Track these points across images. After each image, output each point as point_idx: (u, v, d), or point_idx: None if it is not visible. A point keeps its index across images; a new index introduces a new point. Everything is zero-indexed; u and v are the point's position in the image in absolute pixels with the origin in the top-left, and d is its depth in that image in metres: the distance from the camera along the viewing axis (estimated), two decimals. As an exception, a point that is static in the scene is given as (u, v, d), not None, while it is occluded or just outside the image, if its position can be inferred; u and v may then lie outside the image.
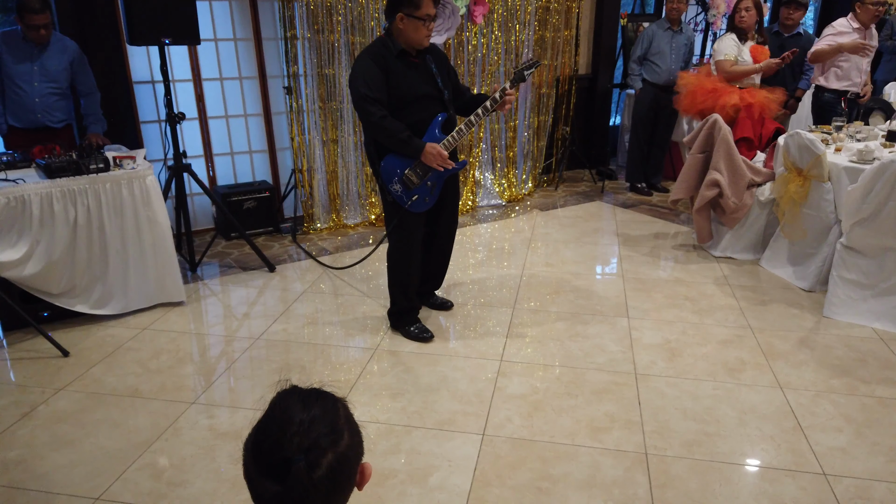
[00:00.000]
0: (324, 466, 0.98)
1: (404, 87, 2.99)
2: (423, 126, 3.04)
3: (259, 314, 3.60)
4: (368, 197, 5.09)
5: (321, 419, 1.01)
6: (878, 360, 3.09)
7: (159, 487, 2.28)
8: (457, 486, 2.28)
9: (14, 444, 2.50)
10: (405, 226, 3.16)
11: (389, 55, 2.97)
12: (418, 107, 3.03)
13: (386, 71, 2.96)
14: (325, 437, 1.00)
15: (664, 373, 2.99)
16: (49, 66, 3.70)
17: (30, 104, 3.70)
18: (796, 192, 3.78)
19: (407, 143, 2.96)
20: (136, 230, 3.44)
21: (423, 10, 2.89)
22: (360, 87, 2.92)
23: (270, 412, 1.03)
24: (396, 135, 2.95)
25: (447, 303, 3.67)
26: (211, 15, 4.53)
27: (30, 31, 3.55)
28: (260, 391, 2.86)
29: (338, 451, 1.00)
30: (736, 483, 2.29)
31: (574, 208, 5.53)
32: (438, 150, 2.97)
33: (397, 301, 3.34)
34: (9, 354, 3.18)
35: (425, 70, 3.08)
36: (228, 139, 4.88)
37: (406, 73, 3.00)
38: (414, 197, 3.07)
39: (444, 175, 3.12)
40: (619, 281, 4.02)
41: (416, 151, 2.98)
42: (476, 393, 2.84)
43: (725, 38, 4.76)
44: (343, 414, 1.06)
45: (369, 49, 3.04)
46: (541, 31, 5.60)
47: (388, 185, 3.07)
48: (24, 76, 3.66)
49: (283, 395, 1.05)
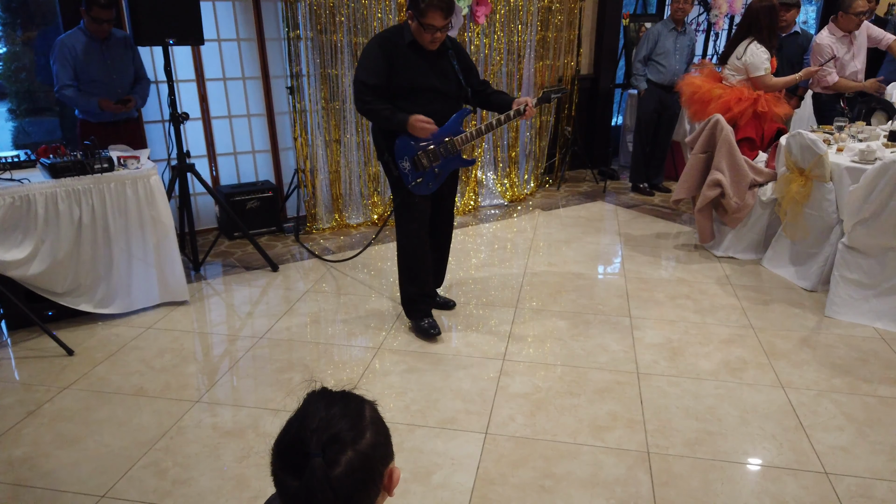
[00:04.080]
0: (342, 464, 0.97)
1: (409, 76, 3.00)
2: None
3: (262, 313, 3.62)
4: (371, 197, 5.10)
5: (342, 416, 1.01)
6: (880, 360, 3.09)
7: (164, 485, 2.29)
8: (460, 485, 2.29)
9: (20, 443, 2.52)
10: (412, 207, 3.19)
11: (401, 42, 2.98)
12: (423, 98, 3.03)
13: (391, 57, 2.96)
14: (346, 433, 0.99)
15: (666, 372, 3.00)
16: (117, 58, 3.91)
17: (108, 94, 3.89)
18: (798, 193, 3.78)
19: (390, 118, 2.99)
20: (141, 230, 3.45)
21: (427, 20, 2.89)
22: (360, 71, 3.00)
23: (297, 411, 1.03)
24: (381, 112, 2.99)
25: (449, 302, 3.68)
26: (214, 15, 4.55)
27: (94, 23, 3.72)
28: (263, 390, 2.88)
29: (358, 449, 0.99)
30: (738, 482, 2.30)
31: (576, 208, 5.53)
32: (420, 121, 2.98)
33: (403, 286, 3.37)
34: (14, 353, 3.20)
35: (442, 63, 3.07)
36: (232, 139, 4.90)
37: (415, 63, 3.00)
38: (419, 179, 3.11)
39: (451, 166, 3.16)
40: (621, 280, 4.03)
41: (400, 125, 3.00)
42: (479, 392, 2.85)
43: (758, 52, 4.56)
44: (369, 415, 1.05)
45: (383, 33, 3.07)
46: (543, 32, 5.61)
47: (398, 161, 3.10)
48: (96, 68, 3.84)
49: (311, 395, 1.05)
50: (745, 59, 4.61)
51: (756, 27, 4.62)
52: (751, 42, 4.63)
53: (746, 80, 4.68)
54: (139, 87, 4.08)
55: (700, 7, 6.65)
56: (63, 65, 3.77)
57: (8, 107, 5.11)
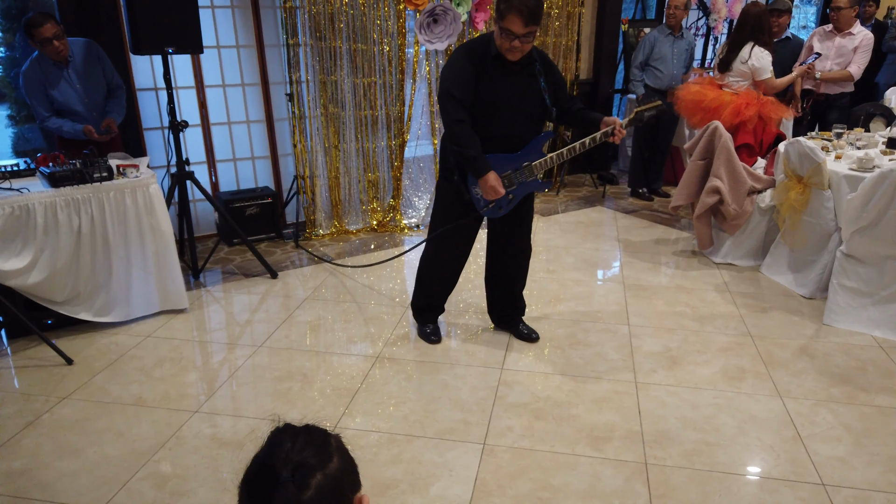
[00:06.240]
0: (313, 487, 0.98)
1: (493, 92, 2.81)
2: (506, 140, 2.90)
3: (261, 321, 3.62)
4: (370, 203, 5.11)
5: (308, 445, 1.03)
6: (878, 369, 3.10)
7: (163, 497, 2.30)
8: (458, 496, 2.29)
9: (19, 454, 2.52)
10: (464, 227, 3.12)
11: (487, 55, 2.80)
12: (503, 118, 2.86)
13: (478, 72, 2.78)
14: (313, 457, 1.01)
15: (664, 381, 3.00)
16: (85, 79, 3.76)
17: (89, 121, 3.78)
18: (796, 200, 3.79)
19: (470, 162, 2.83)
20: (140, 238, 3.46)
21: (506, 24, 2.67)
22: (446, 82, 2.80)
23: (262, 447, 1.05)
24: (465, 147, 2.80)
25: (531, 334, 3.37)
26: (214, 22, 4.56)
27: (44, 47, 3.53)
28: (262, 399, 2.88)
29: (327, 472, 1.00)
30: (735, 493, 2.31)
31: (575, 213, 5.54)
32: (494, 185, 2.84)
33: (415, 295, 3.39)
34: (13, 362, 3.20)
35: (527, 81, 2.86)
36: (231, 145, 4.90)
37: (499, 79, 2.81)
38: (491, 203, 3.01)
39: (526, 190, 3.01)
40: (619, 287, 4.03)
41: (476, 173, 2.84)
42: (477, 401, 2.86)
43: (763, 55, 4.63)
44: (334, 443, 1.07)
45: (468, 44, 2.88)
46: (542, 37, 5.61)
47: (470, 186, 2.98)
48: (70, 98, 3.72)
49: (275, 431, 1.08)
50: (751, 62, 4.65)
51: (759, 31, 4.65)
52: (753, 46, 4.66)
53: (751, 84, 4.72)
54: (114, 101, 3.93)
55: (699, 11, 6.66)
56: (36, 98, 3.65)
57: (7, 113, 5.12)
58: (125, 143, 4.19)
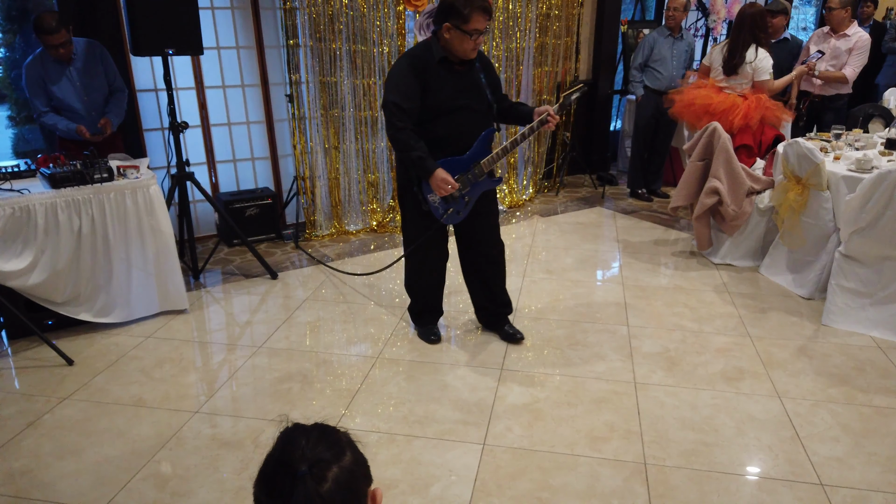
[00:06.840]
0: (330, 479, 1.00)
1: (441, 96, 2.89)
2: (456, 139, 2.95)
3: (262, 321, 3.63)
4: (370, 204, 5.12)
5: (322, 439, 1.06)
6: (877, 369, 3.11)
7: (163, 497, 2.30)
8: (457, 497, 2.30)
9: (20, 454, 2.53)
10: (428, 239, 3.15)
11: (431, 60, 2.87)
12: (454, 118, 2.93)
13: (423, 78, 2.85)
14: (328, 452, 1.04)
15: (663, 382, 3.01)
16: (87, 78, 3.80)
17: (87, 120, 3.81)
18: (795, 201, 3.80)
19: (417, 162, 2.87)
20: (140, 239, 3.47)
21: (471, 25, 2.77)
22: (390, 92, 2.86)
23: (275, 446, 1.07)
24: (410, 151, 2.85)
25: (516, 335, 3.37)
26: (214, 23, 4.56)
27: (49, 50, 3.62)
28: (262, 400, 2.89)
29: (343, 465, 1.03)
30: (734, 493, 2.32)
31: (575, 214, 5.55)
32: (444, 177, 2.87)
33: (411, 300, 3.46)
34: (14, 363, 3.21)
35: (471, 80, 2.96)
36: (231, 146, 4.91)
37: (446, 82, 2.89)
38: (449, 210, 3.03)
39: (480, 189, 3.05)
40: (619, 288, 4.04)
41: (425, 173, 2.88)
42: (477, 402, 2.86)
43: (766, 56, 4.65)
44: (345, 438, 1.10)
45: (410, 52, 2.95)
46: (541, 38, 5.62)
47: (426, 196, 3.02)
48: (70, 95, 3.75)
49: (286, 430, 1.10)
50: (755, 63, 4.65)
51: (761, 31, 4.66)
52: (756, 47, 4.67)
53: (751, 85, 4.73)
54: (114, 102, 3.95)
55: (699, 12, 6.67)
56: (35, 93, 3.70)
57: (8, 114, 5.13)
58: (125, 144, 4.20)
